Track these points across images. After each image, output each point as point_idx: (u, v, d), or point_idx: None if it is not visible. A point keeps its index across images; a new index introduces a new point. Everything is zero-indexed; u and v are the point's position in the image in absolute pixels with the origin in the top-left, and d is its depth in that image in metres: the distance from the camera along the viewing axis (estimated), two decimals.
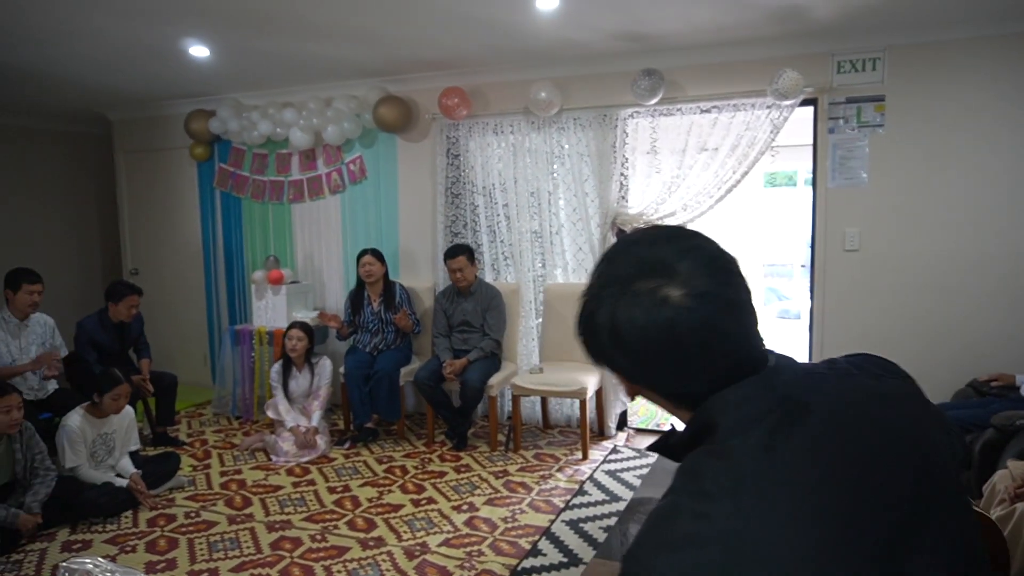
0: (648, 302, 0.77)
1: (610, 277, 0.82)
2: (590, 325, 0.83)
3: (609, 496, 3.76)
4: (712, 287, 0.78)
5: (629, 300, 0.78)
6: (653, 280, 0.78)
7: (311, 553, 3.20)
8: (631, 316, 0.78)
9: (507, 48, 4.32)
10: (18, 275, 4.22)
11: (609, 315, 0.80)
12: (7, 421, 3.25)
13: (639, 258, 0.81)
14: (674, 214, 4.40)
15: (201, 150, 5.73)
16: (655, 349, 0.78)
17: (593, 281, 0.85)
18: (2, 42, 3.97)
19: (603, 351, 0.83)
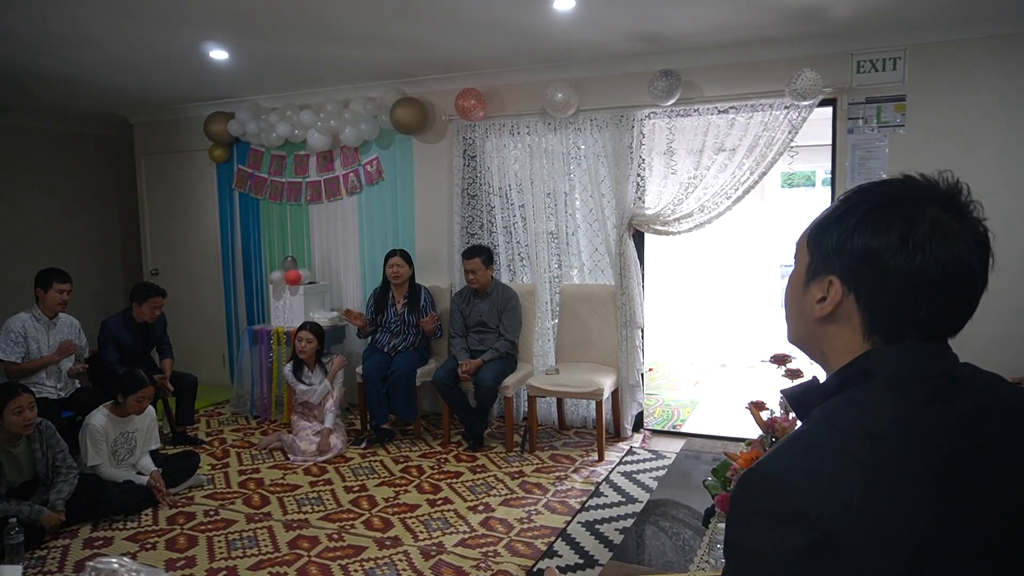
0: (944, 230, 0.78)
1: (899, 197, 0.83)
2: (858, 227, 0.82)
3: (625, 498, 3.76)
4: (985, 249, 0.81)
5: (927, 223, 0.79)
6: (946, 209, 0.80)
7: (328, 552, 3.22)
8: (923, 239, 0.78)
9: (523, 49, 4.32)
10: (49, 274, 4.29)
11: (901, 232, 0.79)
12: (20, 422, 3.27)
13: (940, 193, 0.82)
14: (691, 215, 4.38)
15: (220, 152, 5.79)
16: (927, 275, 0.78)
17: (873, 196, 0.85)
18: (26, 47, 4.04)
19: (864, 255, 0.81)
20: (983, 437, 0.76)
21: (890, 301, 0.81)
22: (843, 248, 0.84)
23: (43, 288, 4.27)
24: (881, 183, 0.87)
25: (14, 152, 6.23)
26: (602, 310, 4.69)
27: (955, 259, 0.78)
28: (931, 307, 0.80)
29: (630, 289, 4.57)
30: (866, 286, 0.82)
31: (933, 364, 0.80)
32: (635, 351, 4.63)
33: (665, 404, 5.48)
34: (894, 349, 0.81)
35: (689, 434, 4.77)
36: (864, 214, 0.83)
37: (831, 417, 0.78)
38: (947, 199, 0.82)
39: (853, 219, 0.84)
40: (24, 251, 6.08)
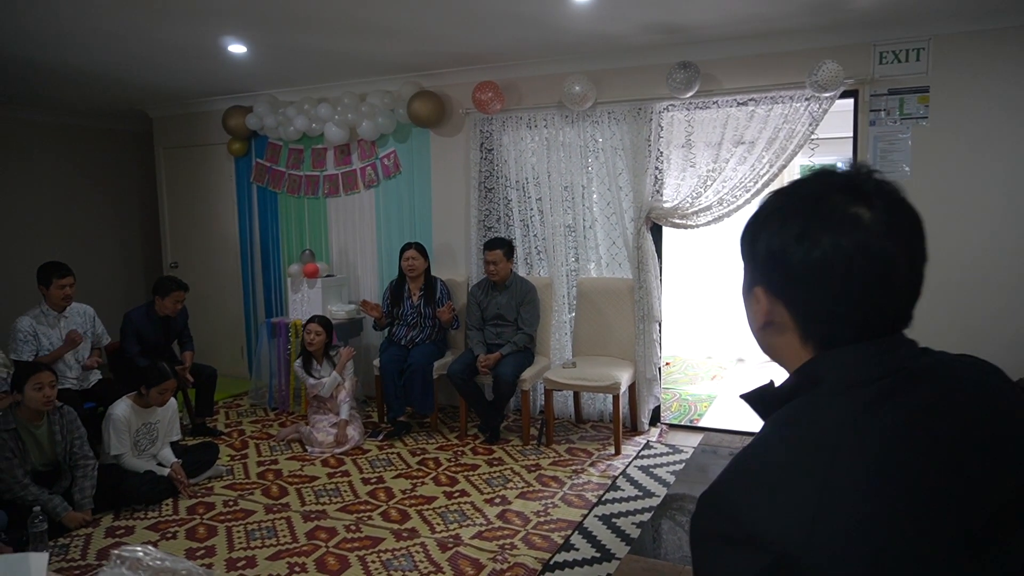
0: (841, 218, 0.76)
1: (801, 194, 0.81)
2: (769, 237, 0.81)
3: (642, 492, 3.75)
4: (904, 230, 0.78)
5: (822, 214, 0.77)
6: (847, 197, 0.77)
7: (346, 543, 3.24)
8: (819, 231, 0.76)
9: (541, 42, 4.30)
10: (47, 270, 4.29)
11: (799, 228, 0.78)
12: (40, 398, 3.33)
13: (843, 181, 0.79)
14: (710, 208, 4.34)
15: (238, 145, 5.82)
16: (832, 268, 0.76)
17: (780, 195, 0.84)
18: (48, 42, 4.08)
19: (775, 262, 0.80)
20: (931, 436, 0.73)
21: (808, 302, 0.80)
22: (756, 254, 0.83)
23: (44, 285, 4.28)
24: (793, 181, 0.86)
25: (35, 146, 6.31)
26: (619, 304, 4.67)
27: (861, 247, 0.75)
28: (850, 302, 0.77)
29: (648, 283, 4.55)
30: (784, 290, 0.81)
31: (882, 363, 0.77)
32: (652, 345, 4.61)
33: (682, 398, 5.45)
34: (838, 352, 0.79)
35: (707, 428, 4.74)
36: (767, 215, 0.83)
37: (782, 429, 0.77)
38: (849, 186, 0.78)
39: (760, 222, 0.83)
40: (45, 245, 6.15)
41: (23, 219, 6.20)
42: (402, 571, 2.98)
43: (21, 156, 6.20)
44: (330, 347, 4.74)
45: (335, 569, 3.00)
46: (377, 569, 2.99)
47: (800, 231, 0.78)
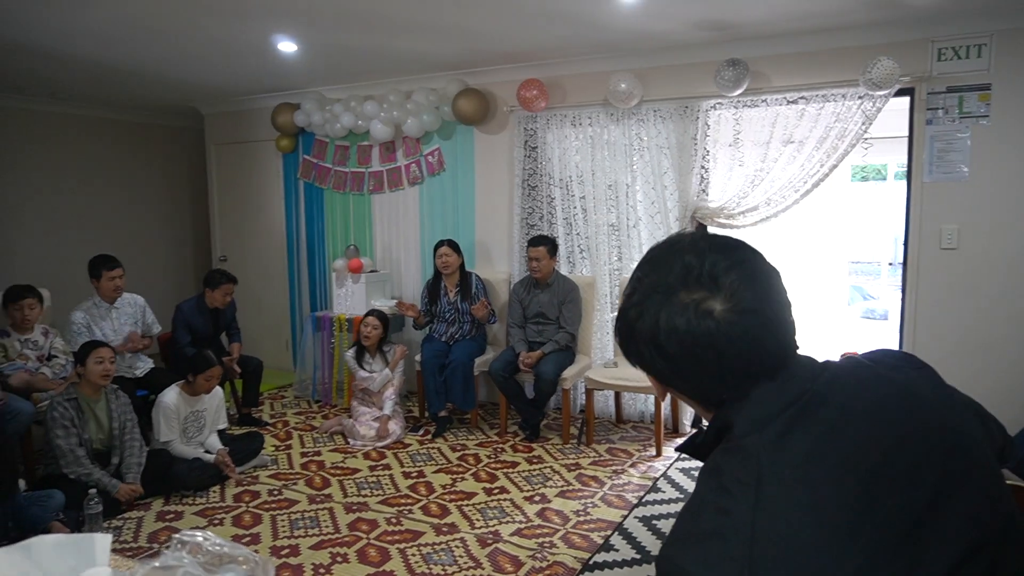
0: (692, 313, 0.80)
1: (656, 283, 0.84)
2: (631, 328, 0.86)
3: (683, 494, 3.70)
4: (754, 303, 0.80)
5: (673, 309, 0.81)
6: (698, 291, 0.81)
7: (387, 535, 3.28)
8: (674, 325, 0.81)
9: (587, 39, 4.28)
10: (97, 263, 4.41)
11: (652, 321, 0.82)
12: (100, 371, 3.52)
13: (686, 267, 0.83)
14: (756, 208, 4.27)
15: (286, 142, 5.93)
16: (694, 357, 0.81)
17: (637, 285, 0.87)
18: (106, 42, 4.21)
19: (640, 353, 0.86)
20: (845, 449, 0.77)
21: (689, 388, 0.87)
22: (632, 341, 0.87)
23: (96, 277, 4.40)
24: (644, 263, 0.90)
25: (93, 142, 6.53)
26: None
27: (721, 335, 0.80)
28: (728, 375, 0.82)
29: None
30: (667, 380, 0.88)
31: (782, 396, 0.80)
32: None
33: None
34: (739, 400, 0.82)
35: None
36: (629, 307, 0.87)
37: (708, 480, 0.80)
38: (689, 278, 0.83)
39: (626, 312, 0.88)
40: (100, 237, 6.37)
41: (81, 213, 6.43)
42: (442, 565, 3.00)
43: (79, 151, 6.42)
44: (384, 342, 4.80)
45: (376, 561, 3.04)
46: (417, 562, 3.02)
47: (657, 329, 0.82)
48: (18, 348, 4.05)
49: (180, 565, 0.76)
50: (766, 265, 0.85)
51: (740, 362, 0.80)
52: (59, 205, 6.27)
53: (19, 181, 5.89)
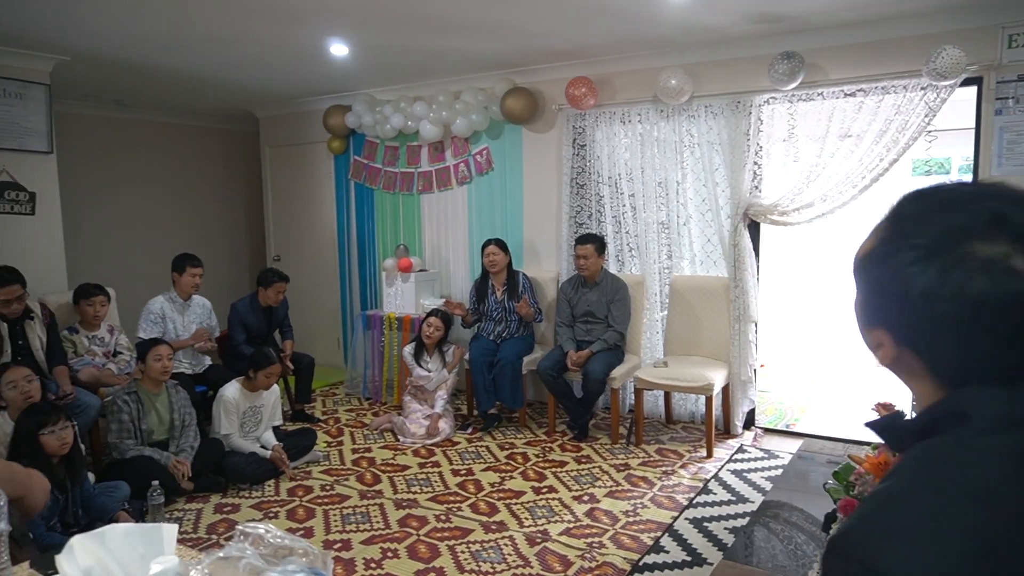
0: (996, 270, 0.66)
1: (937, 227, 0.69)
2: (897, 281, 0.71)
3: (735, 497, 3.64)
4: None
5: (967, 264, 0.67)
6: (1001, 245, 0.66)
7: (436, 532, 3.31)
8: (968, 283, 0.66)
9: (636, 35, 4.24)
10: (183, 259, 4.63)
11: (937, 276, 0.68)
12: (159, 367, 3.68)
13: (994, 214, 0.67)
14: (812, 205, 4.16)
15: (338, 143, 6.04)
16: (983, 322, 0.67)
17: (907, 226, 0.72)
18: (167, 48, 4.35)
19: (902, 310, 0.71)
20: None
21: (947, 357, 0.71)
22: (878, 291, 0.74)
23: (178, 272, 4.61)
24: (923, 199, 0.74)
25: (154, 147, 6.76)
26: (714, 302, 4.54)
27: (1018, 300, 0.66)
28: (1000, 352, 0.67)
29: (744, 281, 4.40)
30: (916, 341, 0.72)
31: None
32: (748, 346, 4.46)
33: (778, 402, 5.25)
34: (988, 387, 0.68)
35: (805, 434, 4.55)
36: (892, 247, 0.72)
37: (929, 470, 0.68)
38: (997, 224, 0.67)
39: (882, 254, 0.73)
40: (160, 237, 6.60)
41: (141, 215, 6.66)
42: (491, 563, 3.01)
43: (142, 155, 6.65)
44: (444, 342, 4.84)
45: (426, 557, 3.07)
46: (466, 559, 3.04)
47: (942, 286, 0.67)
48: (86, 344, 4.22)
49: (243, 556, 0.78)
50: None
51: (1016, 341, 0.66)
52: (121, 207, 6.52)
53: (86, 185, 6.13)
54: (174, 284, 4.64)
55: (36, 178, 4.56)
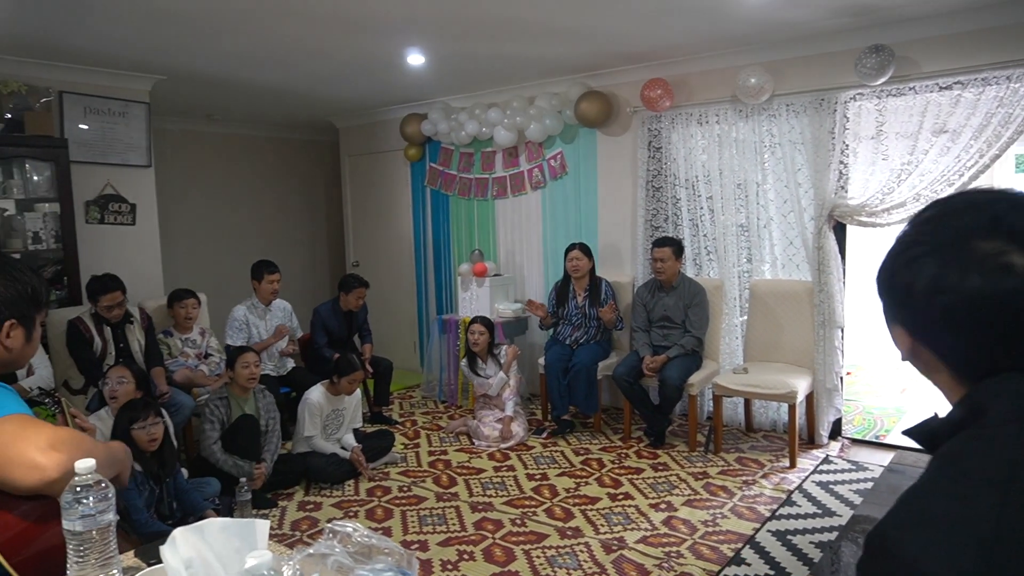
0: (990, 267, 0.70)
1: (948, 227, 0.74)
2: (903, 274, 0.77)
3: (821, 510, 3.49)
4: None
5: (966, 259, 0.72)
6: (998, 243, 0.71)
7: (511, 536, 3.31)
8: (965, 278, 0.71)
9: (713, 34, 4.15)
10: (260, 267, 4.81)
11: (936, 270, 0.73)
12: (246, 374, 3.81)
13: (993, 216, 0.72)
14: (903, 205, 3.96)
15: (414, 151, 6.16)
16: (980, 318, 0.71)
17: (921, 226, 0.77)
18: (255, 65, 4.55)
19: (908, 306, 0.76)
20: None
21: (956, 349, 0.75)
22: (894, 294, 0.79)
23: (257, 279, 4.79)
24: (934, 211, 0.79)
25: (241, 158, 7.08)
26: (796, 307, 4.38)
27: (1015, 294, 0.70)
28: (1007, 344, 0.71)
29: (829, 285, 4.23)
30: (928, 337, 0.77)
31: None
32: (834, 352, 4.28)
33: (866, 411, 5.02)
34: (1004, 379, 0.72)
35: (897, 446, 4.32)
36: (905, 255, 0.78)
37: (948, 466, 0.72)
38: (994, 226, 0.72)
39: (898, 261, 0.79)
40: (247, 245, 6.90)
41: (229, 223, 6.98)
42: (566, 569, 2.99)
43: (230, 167, 6.98)
44: (494, 346, 4.87)
45: (502, 560, 3.08)
46: (542, 564, 3.03)
47: (941, 279, 0.72)
48: (179, 346, 4.45)
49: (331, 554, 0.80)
50: None
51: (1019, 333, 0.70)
52: (212, 216, 6.85)
53: (178, 196, 6.48)
54: (255, 291, 4.82)
55: (136, 190, 4.85)
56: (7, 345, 1.38)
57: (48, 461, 1.20)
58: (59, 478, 1.18)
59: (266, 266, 4.80)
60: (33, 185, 4.27)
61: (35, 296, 1.42)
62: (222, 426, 3.73)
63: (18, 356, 1.44)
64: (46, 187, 4.28)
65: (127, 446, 1.49)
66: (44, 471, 1.19)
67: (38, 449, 1.20)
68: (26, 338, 1.43)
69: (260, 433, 3.83)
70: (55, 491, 1.16)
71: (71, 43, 3.96)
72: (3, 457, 1.20)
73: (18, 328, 1.40)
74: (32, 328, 1.44)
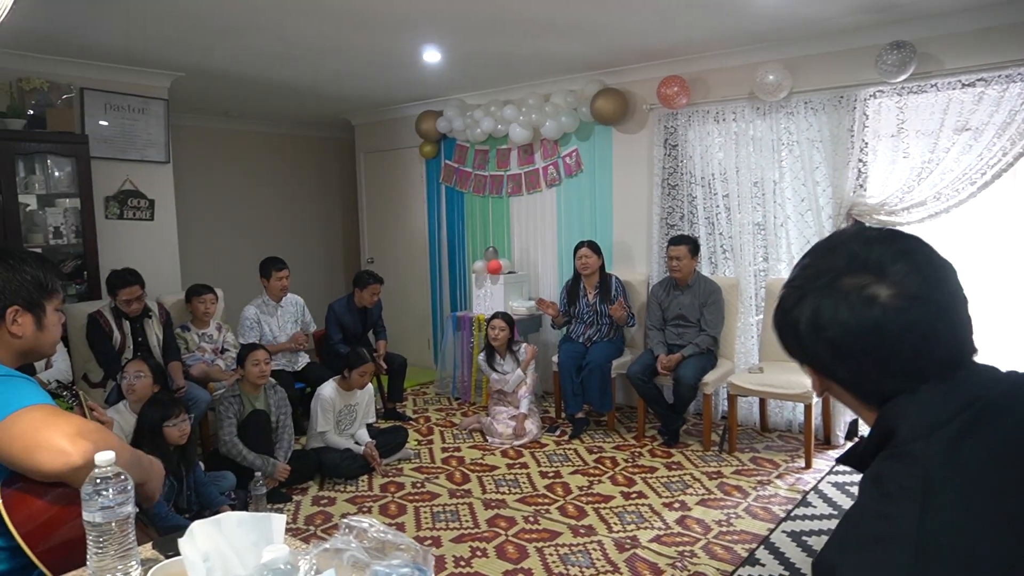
0: (855, 300, 0.77)
1: (817, 270, 0.81)
2: (790, 317, 0.83)
3: (837, 511, 3.46)
4: (924, 290, 0.76)
5: (835, 296, 0.78)
6: (862, 277, 0.77)
7: (524, 533, 3.31)
8: (836, 312, 0.77)
9: (731, 30, 4.12)
10: (268, 264, 4.81)
11: (813, 309, 0.80)
12: (256, 372, 3.83)
13: (851, 254, 0.79)
14: (923, 203, 3.91)
15: (429, 148, 6.17)
16: (857, 347, 0.77)
17: (798, 272, 0.85)
18: (271, 62, 4.57)
19: (801, 344, 0.82)
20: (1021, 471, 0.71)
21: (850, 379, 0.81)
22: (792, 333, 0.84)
23: (265, 277, 4.80)
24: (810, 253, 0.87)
25: (257, 155, 7.12)
26: None
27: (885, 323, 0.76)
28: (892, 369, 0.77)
29: None
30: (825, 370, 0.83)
31: (955, 399, 0.74)
32: None
33: None
34: (906, 399, 0.76)
35: None
36: (787, 297, 0.85)
37: (869, 488, 0.76)
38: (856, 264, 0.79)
39: (785, 302, 0.85)
40: (263, 241, 6.94)
41: (246, 219, 7.03)
42: (579, 567, 2.99)
43: (247, 163, 7.02)
44: (513, 342, 4.87)
45: (514, 558, 3.08)
46: (555, 562, 3.03)
47: (819, 316, 0.79)
48: (196, 341, 4.49)
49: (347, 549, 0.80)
50: (938, 258, 0.80)
51: (908, 354, 0.75)
52: (228, 212, 6.90)
53: (195, 192, 6.52)
54: (264, 289, 4.82)
55: (155, 186, 4.90)
56: (15, 332, 1.42)
57: (74, 448, 1.23)
58: (83, 465, 1.21)
59: (274, 263, 4.80)
60: (54, 181, 4.32)
61: (39, 283, 1.45)
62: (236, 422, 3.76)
63: (35, 343, 1.47)
64: (67, 183, 4.33)
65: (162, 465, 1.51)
66: (69, 457, 1.22)
67: (65, 436, 1.23)
68: (37, 325, 1.46)
69: (271, 428, 3.86)
70: (78, 479, 1.18)
71: (92, 40, 4.00)
72: (30, 442, 1.23)
73: (25, 315, 1.43)
74: (42, 315, 1.47)
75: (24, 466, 1.24)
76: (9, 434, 1.24)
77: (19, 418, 1.25)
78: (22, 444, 1.23)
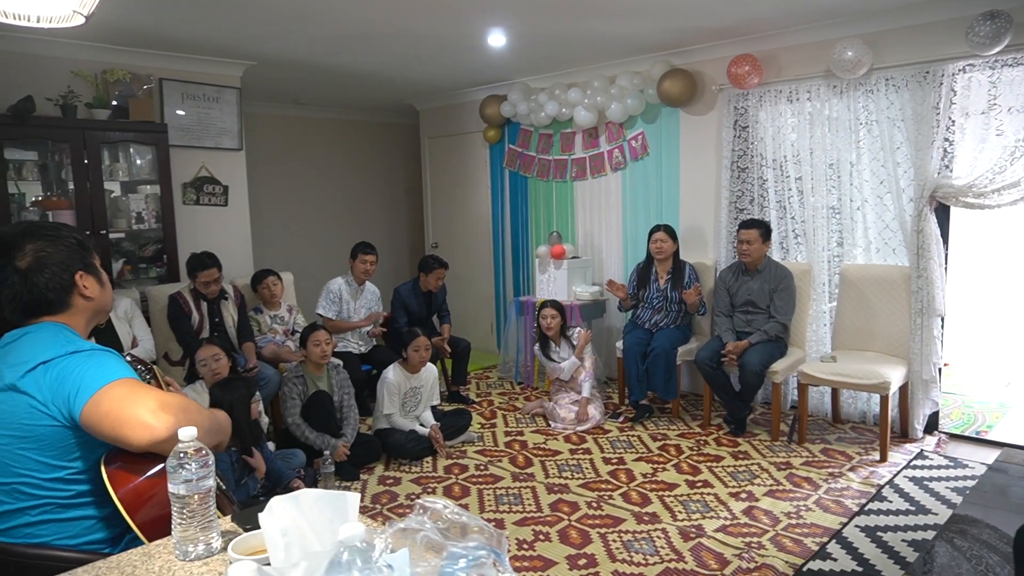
0: None
1: None
2: None
3: (915, 507, 3.32)
4: None
5: None
6: None
7: (587, 519, 3.31)
8: None
9: (807, 6, 3.94)
10: (357, 247, 4.95)
11: None
12: (318, 352, 3.92)
13: None
14: (1018, 184, 3.68)
15: (493, 133, 6.17)
16: None
17: None
18: (341, 49, 4.64)
19: None
20: None
21: None
22: None
23: (352, 258, 4.93)
24: None
25: (326, 141, 7.27)
26: (891, 294, 4.16)
27: None
28: None
29: (929, 271, 3.99)
30: None
31: None
32: (932, 342, 4.05)
33: (966, 406, 4.74)
34: None
35: (1002, 443, 4.07)
36: None
37: None
38: None
39: None
40: (331, 225, 7.12)
41: (315, 205, 7.20)
42: (643, 554, 2.96)
43: (315, 149, 7.19)
44: (566, 328, 4.84)
45: (577, 543, 3.08)
46: (618, 549, 3.01)
47: None
48: (268, 323, 4.63)
49: (421, 529, 0.81)
50: None
51: None
52: (298, 198, 7.08)
53: (267, 178, 6.72)
54: (350, 269, 4.97)
55: (229, 173, 5.06)
56: (87, 294, 1.52)
57: (158, 422, 1.29)
58: (168, 438, 1.27)
59: (362, 247, 4.93)
60: (136, 168, 4.52)
61: (82, 244, 1.55)
62: (300, 402, 3.86)
63: (102, 300, 1.58)
64: (148, 170, 4.52)
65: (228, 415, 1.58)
66: (154, 431, 1.29)
67: (148, 411, 1.30)
68: (98, 283, 1.56)
69: (334, 408, 3.95)
70: (165, 450, 1.25)
71: (170, 31, 4.15)
72: (118, 417, 1.30)
73: (87, 276, 1.53)
74: (98, 273, 1.57)
75: (115, 440, 1.31)
76: (98, 412, 1.31)
77: (105, 395, 1.32)
78: (110, 421, 1.30)
